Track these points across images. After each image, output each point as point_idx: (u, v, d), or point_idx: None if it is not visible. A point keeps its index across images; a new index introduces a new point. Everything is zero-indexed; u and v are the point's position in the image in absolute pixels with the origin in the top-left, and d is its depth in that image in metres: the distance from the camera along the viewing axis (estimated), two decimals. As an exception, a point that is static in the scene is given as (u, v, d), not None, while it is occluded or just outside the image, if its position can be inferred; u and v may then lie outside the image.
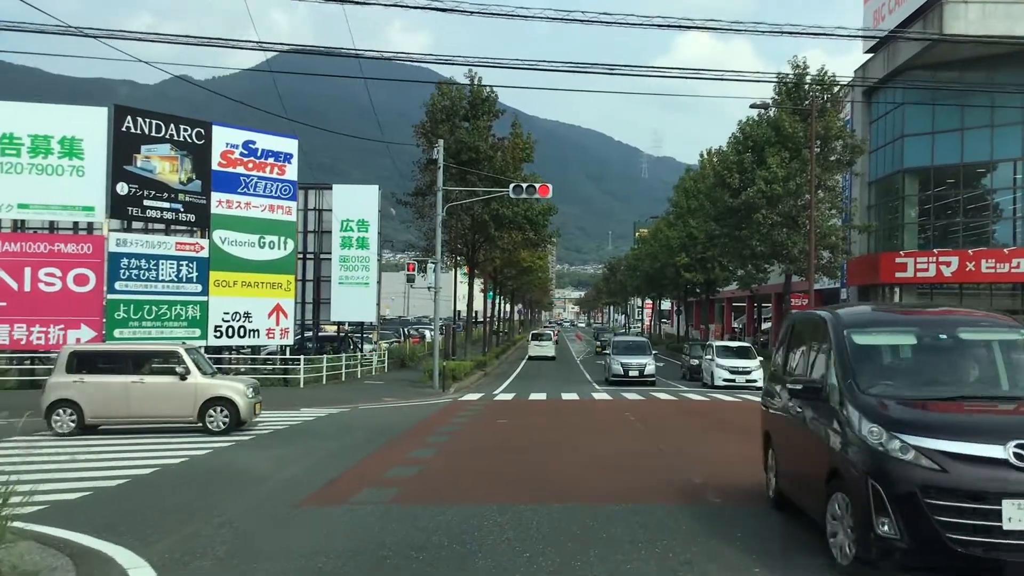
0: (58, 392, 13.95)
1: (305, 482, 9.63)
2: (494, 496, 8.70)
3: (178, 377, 13.93)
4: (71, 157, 20.83)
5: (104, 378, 13.97)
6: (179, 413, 14.01)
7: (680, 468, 10.74)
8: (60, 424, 13.90)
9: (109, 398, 13.87)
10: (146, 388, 13.93)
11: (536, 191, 25.88)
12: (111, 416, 14.13)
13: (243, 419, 14.14)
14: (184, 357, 14.12)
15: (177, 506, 8.36)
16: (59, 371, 14.20)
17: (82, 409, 13.85)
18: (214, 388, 14.06)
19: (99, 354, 14.95)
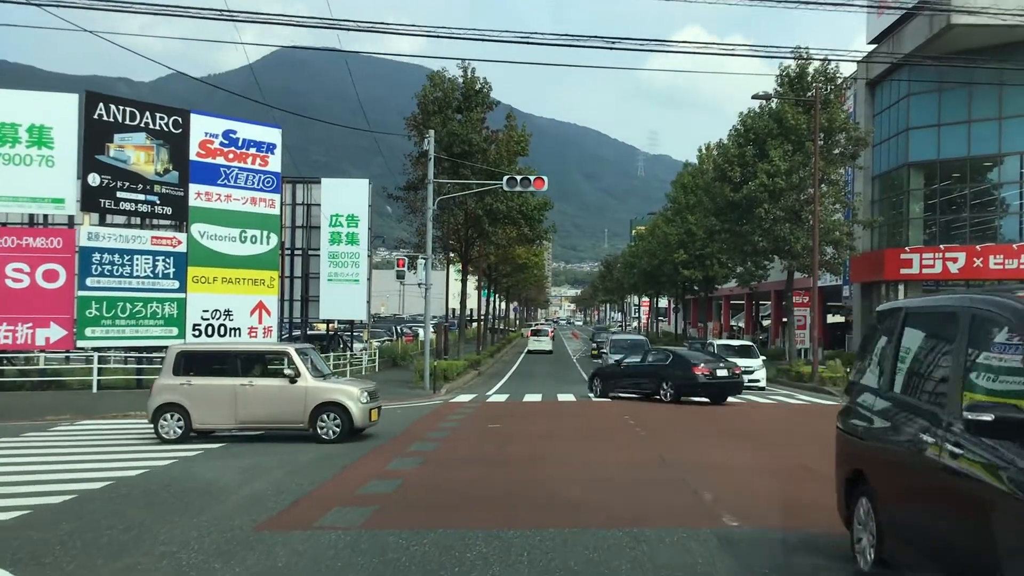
0: (164, 395, 13.04)
1: (269, 499, 8.61)
2: (480, 519, 7.69)
3: (287, 380, 12.82)
4: (40, 146, 19.76)
5: (211, 380, 13.06)
6: (289, 419, 12.93)
7: (687, 482, 9.74)
8: (167, 430, 12.96)
9: (217, 402, 12.91)
10: (255, 392, 12.91)
11: (531, 184, 24.86)
12: (218, 422, 13.13)
13: (357, 426, 13.01)
14: (294, 358, 12.99)
15: (121, 529, 7.34)
16: (166, 372, 13.35)
17: (189, 414, 12.94)
18: (325, 392, 12.89)
19: (207, 354, 14.05)
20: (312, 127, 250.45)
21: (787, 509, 8.30)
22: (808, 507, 8.43)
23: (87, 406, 17.76)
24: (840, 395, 23.96)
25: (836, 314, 48.10)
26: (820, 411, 20.16)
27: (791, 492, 9.24)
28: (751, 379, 26.62)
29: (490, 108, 33.82)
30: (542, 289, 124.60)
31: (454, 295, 42.73)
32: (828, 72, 31.06)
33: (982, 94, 32.51)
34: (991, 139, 32.38)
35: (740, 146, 31.81)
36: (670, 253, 49.98)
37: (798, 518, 7.76)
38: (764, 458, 12.04)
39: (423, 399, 21.54)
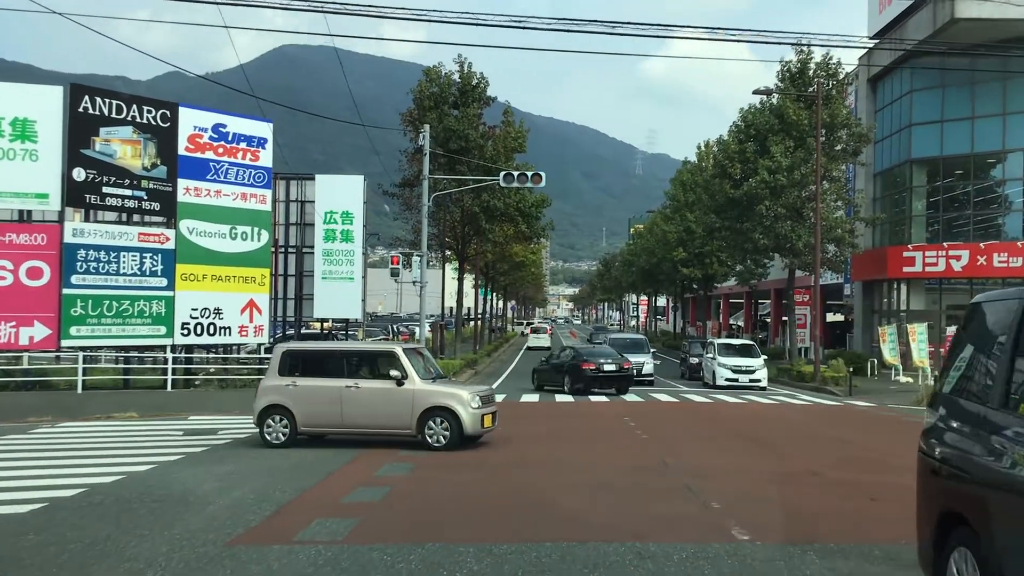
0: (270, 396, 12.43)
1: (248, 509, 8.09)
2: (471, 532, 7.19)
3: (394, 382, 12.00)
4: (23, 140, 19.18)
5: (317, 382, 12.39)
6: (396, 424, 12.14)
7: (693, 489, 9.25)
8: (272, 433, 12.35)
9: (322, 404, 12.25)
10: (361, 394, 12.17)
11: (528, 179, 24.34)
12: (324, 425, 12.46)
13: (468, 433, 11.97)
14: (401, 359, 12.16)
15: (86, 543, 6.83)
16: (272, 373, 12.73)
17: (294, 416, 12.29)
18: (433, 396, 12.02)
19: (312, 354, 13.42)
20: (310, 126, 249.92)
21: (799, 520, 7.82)
22: (821, 518, 7.95)
23: (71, 407, 17.24)
24: (842, 395, 23.50)
25: (836, 313, 47.67)
26: (824, 412, 19.69)
27: (801, 501, 8.76)
28: (752, 379, 26.17)
29: (487, 104, 33.28)
30: (540, 288, 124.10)
31: (451, 293, 42.20)
32: (830, 67, 30.58)
33: (986, 90, 32.08)
34: (995, 135, 31.94)
35: (741, 142, 31.33)
36: (669, 251, 49.51)
37: (812, 531, 7.27)
38: (769, 462, 11.56)
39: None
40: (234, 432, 13.99)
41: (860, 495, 9.06)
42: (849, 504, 8.54)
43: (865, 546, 6.72)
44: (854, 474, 10.62)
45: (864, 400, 22.28)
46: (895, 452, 12.93)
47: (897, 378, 28.48)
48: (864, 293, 37.19)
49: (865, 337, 36.57)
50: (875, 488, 9.46)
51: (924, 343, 27.57)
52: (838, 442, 14.18)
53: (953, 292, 33.60)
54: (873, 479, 10.21)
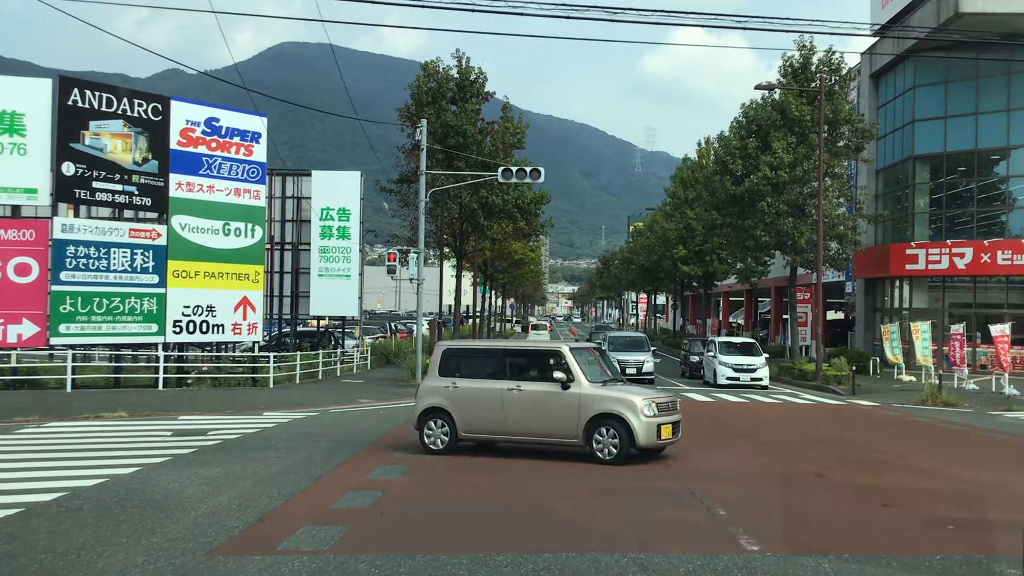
0: (429, 398, 11.68)
1: (233, 516, 7.72)
2: (465, 541, 6.82)
3: (559, 385, 10.88)
4: (11, 133, 18.81)
5: (478, 383, 11.47)
6: (560, 432, 10.97)
7: (695, 493, 8.89)
8: (432, 438, 11.55)
9: (483, 408, 11.32)
10: (523, 398, 11.13)
11: (527, 175, 23.95)
12: (485, 432, 11.54)
13: (642, 445, 10.64)
14: (568, 359, 11.03)
15: (58, 553, 6.46)
16: (432, 373, 11.97)
17: (454, 420, 11.47)
18: (601, 401, 10.72)
19: (473, 352, 12.61)
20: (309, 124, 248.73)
21: (810, 528, 7.46)
22: (832, 525, 7.60)
23: (59, 406, 16.85)
24: (845, 394, 23.14)
25: (837, 311, 47.35)
26: (827, 411, 19.35)
27: (810, 506, 8.40)
28: (754, 377, 25.84)
29: (485, 99, 32.87)
30: (539, 285, 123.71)
31: (449, 291, 41.80)
32: (832, 62, 30.21)
33: (990, 85, 31.73)
34: (999, 131, 31.59)
35: (742, 138, 30.94)
36: (669, 248, 49.17)
37: (824, 540, 6.91)
38: (774, 464, 11.21)
39: (414, 399, 20.62)
40: (224, 433, 13.60)
41: (870, 500, 8.70)
42: (860, 510, 8.18)
43: (882, 557, 6.37)
44: (862, 477, 10.27)
45: (867, 399, 21.93)
46: (902, 453, 12.59)
47: (900, 377, 28.15)
48: (866, 291, 36.85)
49: (867, 335, 36.24)
50: (885, 492, 9.11)
51: (927, 341, 27.24)
52: (843, 442, 13.83)
53: (956, 290, 33.28)
54: (882, 482, 9.85)
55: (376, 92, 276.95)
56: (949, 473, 10.66)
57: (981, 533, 7.29)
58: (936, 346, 28.30)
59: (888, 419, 17.75)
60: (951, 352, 25.41)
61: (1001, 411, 19.03)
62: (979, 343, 30.86)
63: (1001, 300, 32.35)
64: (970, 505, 8.47)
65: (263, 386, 22.36)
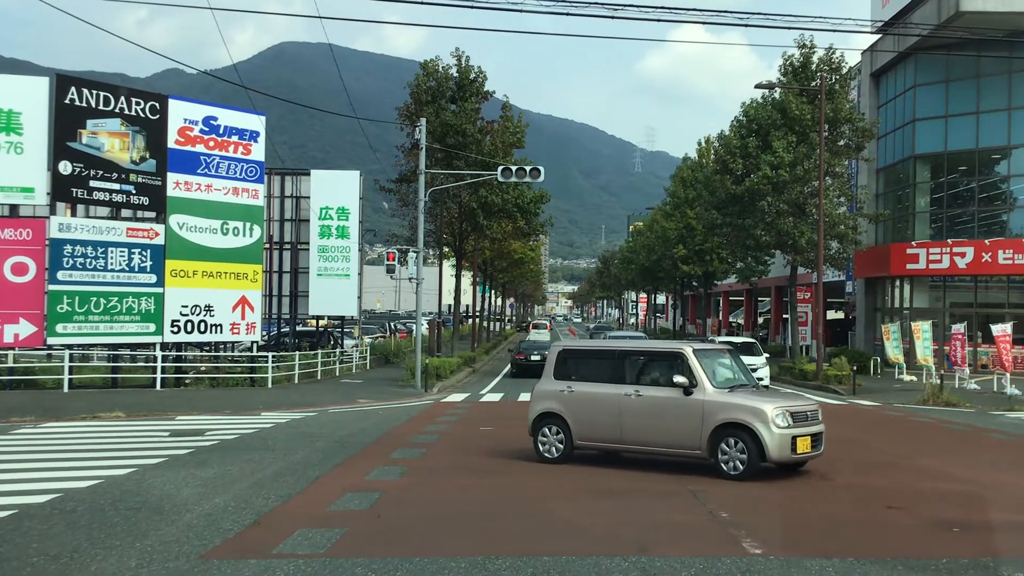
0: (544, 403, 10.95)
1: (228, 518, 7.62)
2: (463, 544, 6.72)
3: (680, 390, 9.95)
4: (8, 132, 18.70)
5: (594, 387, 10.67)
6: (682, 443, 10.01)
7: (694, 494, 8.79)
8: (546, 446, 10.86)
9: (599, 414, 10.50)
10: (641, 404, 10.24)
11: (526, 174, 23.86)
12: (602, 440, 10.68)
13: (773, 459, 9.54)
14: (690, 361, 10.07)
15: (50, 556, 6.37)
16: (547, 376, 11.23)
17: (570, 428, 10.70)
18: (726, 409, 9.70)
19: (590, 354, 11.74)
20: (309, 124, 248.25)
21: (813, 531, 7.37)
22: (836, 528, 7.50)
23: (55, 406, 16.75)
24: (846, 394, 23.03)
25: (837, 310, 47.25)
26: (828, 411, 19.10)
27: (813, 508, 8.31)
28: (755, 378, 25.71)
29: (485, 98, 32.77)
30: (539, 285, 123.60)
31: (449, 291, 41.70)
32: (833, 61, 30.11)
33: (991, 84, 31.63)
34: (1000, 130, 31.48)
35: (742, 137, 30.83)
36: (669, 248, 49.08)
37: (828, 543, 6.82)
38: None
39: (414, 399, 20.57)
40: (222, 433, 13.50)
41: (874, 501, 8.60)
42: (864, 512, 8.08)
43: (887, 560, 6.27)
44: (865, 478, 10.17)
45: (868, 399, 21.84)
46: (904, 453, 12.50)
47: (901, 376, 28.06)
48: (867, 290, 36.75)
49: (867, 335, 36.14)
50: (889, 494, 9.01)
51: (928, 341, 27.14)
52: (845, 443, 13.72)
53: (957, 290, 33.17)
54: (886, 484, 9.75)
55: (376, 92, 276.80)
56: (952, 474, 10.56)
57: (986, 535, 7.20)
58: (937, 346, 28.20)
59: (889, 419, 17.66)
60: (952, 352, 25.31)
61: (1003, 411, 18.93)
62: (980, 343, 30.77)
63: (1002, 300, 32.25)
64: (974, 507, 8.37)
65: (261, 386, 22.26)
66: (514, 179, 24.73)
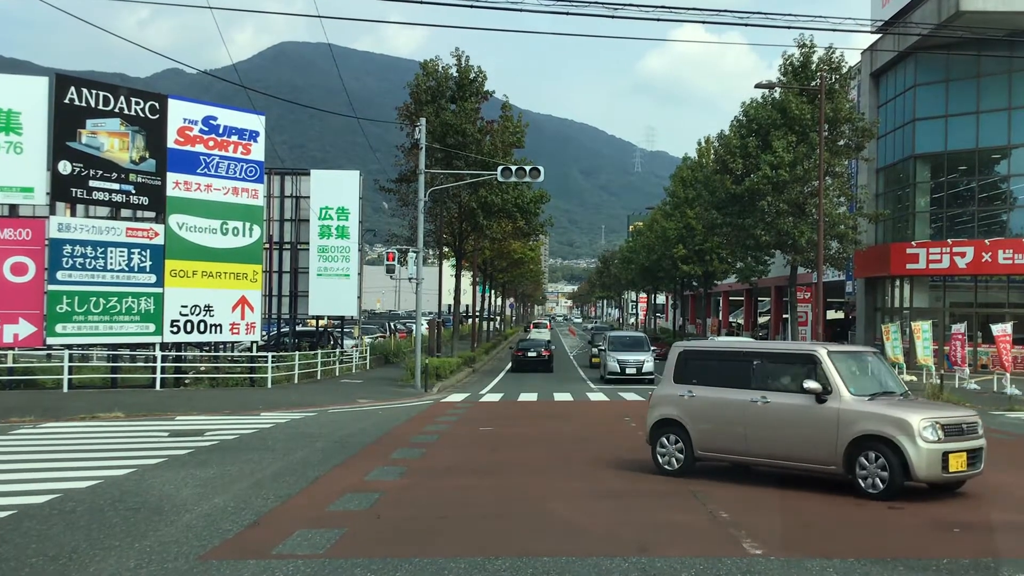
0: (663, 409, 10.10)
1: (227, 519, 7.61)
2: (463, 544, 6.71)
3: (813, 397, 8.84)
4: (8, 132, 18.70)
5: (717, 392, 9.73)
6: (812, 456, 8.89)
7: (696, 495, 8.78)
8: (665, 457, 9.99)
9: (722, 422, 9.60)
10: (768, 412, 9.19)
11: (526, 174, 23.86)
12: (723, 451, 9.73)
13: (920, 477, 8.36)
14: (824, 364, 8.95)
15: (49, 557, 6.36)
16: (667, 379, 10.40)
17: (690, 437, 9.81)
18: (865, 420, 8.52)
19: (713, 355, 10.68)
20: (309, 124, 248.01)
21: (814, 531, 7.36)
22: (837, 528, 7.49)
23: (55, 407, 16.74)
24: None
25: (837, 310, 47.25)
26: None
27: (814, 509, 8.29)
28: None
29: (485, 98, 32.78)
30: (539, 285, 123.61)
31: (449, 291, 41.70)
32: (833, 61, 30.10)
33: (991, 84, 31.61)
34: (1000, 130, 31.47)
35: (742, 137, 30.81)
36: (669, 248, 49.07)
37: (828, 544, 6.81)
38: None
39: (413, 399, 20.56)
40: (221, 433, 13.49)
41: (875, 502, 8.58)
42: (865, 512, 8.07)
43: (888, 560, 6.26)
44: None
45: (869, 399, 21.80)
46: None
47: (901, 376, 28.00)
48: (867, 290, 36.75)
49: (867, 335, 36.12)
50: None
51: (928, 341, 27.12)
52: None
53: (957, 289, 33.17)
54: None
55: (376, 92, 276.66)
56: (953, 474, 10.53)
57: (987, 536, 7.18)
58: (937, 346, 28.18)
59: (890, 419, 17.62)
60: (952, 352, 25.29)
61: (1003, 411, 18.93)
62: (980, 343, 30.76)
63: (1002, 299, 32.25)
64: (975, 507, 8.36)
65: (261, 386, 22.25)
66: (514, 179, 24.73)
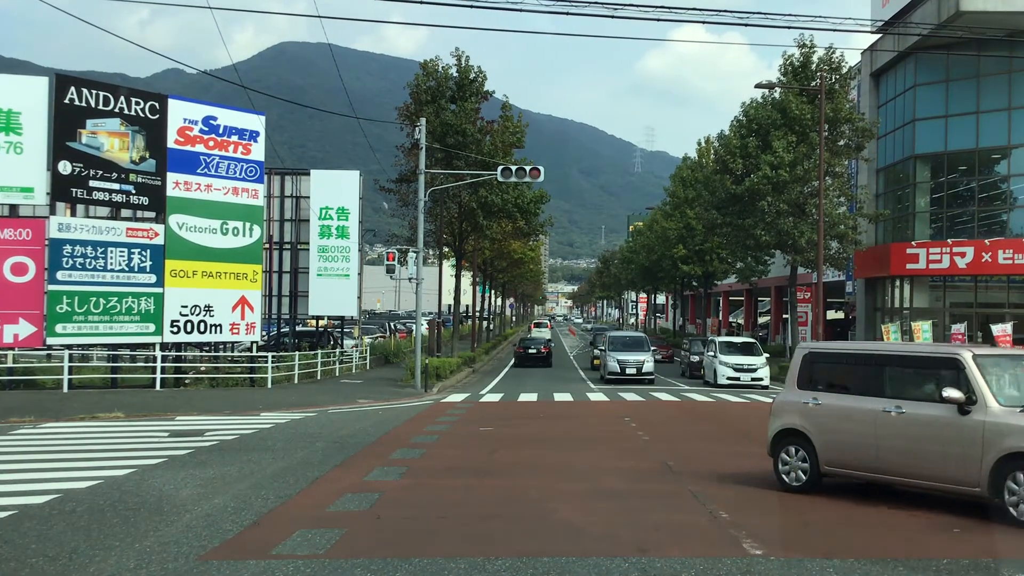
0: (785, 417, 9.15)
1: (227, 519, 7.61)
2: (463, 545, 6.71)
3: (955, 408, 7.74)
4: (8, 132, 18.68)
5: (846, 400, 8.67)
6: (951, 476, 7.79)
7: (697, 495, 8.77)
8: (788, 471, 9.00)
9: (851, 435, 8.50)
10: (902, 423, 8.12)
11: (526, 174, 23.86)
12: (852, 467, 8.59)
13: None
14: (970, 370, 7.80)
15: (49, 557, 6.35)
16: (790, 384, 9.42)
17: (815, 449, 8.76)
18: (1017, 435, 7.34)
19: (842, 358, 9.54)
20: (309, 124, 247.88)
21: (814, 532, 7.36)
22: (836, 529, 7.49)
23: (55, 407, 16.74)
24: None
25: (837, 311, 47.25)
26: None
27: (813, 509, 8.29)
28: (754, 378, 25.77)
29: (485, 98, 32.79)
30: (539, 285, 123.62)
31: (448, 291, 41.71)
32: (832, 61, 30.11)
33: (991, 84, 31.60)
34: (1000, 130, 31.45)
35: (742, 137, 30.82)
36: (668, 248, 49.09)
37: (828, 544, 6.80)
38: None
39: (413, 399, 20.56)
40: (221, 434, 13.49)
41: (875, 502, 8.58)
42: (865, 513, 8.07)
43: (888, 560, 6.26)
44: (866, 479, 10.14)
45: (869, 399, 21.81)
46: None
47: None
48: (867, 290, 36.73)
49: (867, 335, 36.11)
50: (890, 495, 8.99)
51: (928, 341, 27.14)
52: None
53: (957, 290, 33.15)
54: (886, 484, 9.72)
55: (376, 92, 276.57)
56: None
57: (987, 536, 7.18)
58: (937, 346, 28.17)
59: (890, 419, 17.63)
60: (952, 352, 25.27)
61: (1003, 411, 18.91)
62: (980, 343, 30.77)
63: (1002, 300, 32.23)
64: (975, 507, 8.35)
65: (261, 386, 22.24)
66: (514, 179, 24.73)
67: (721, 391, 24.39)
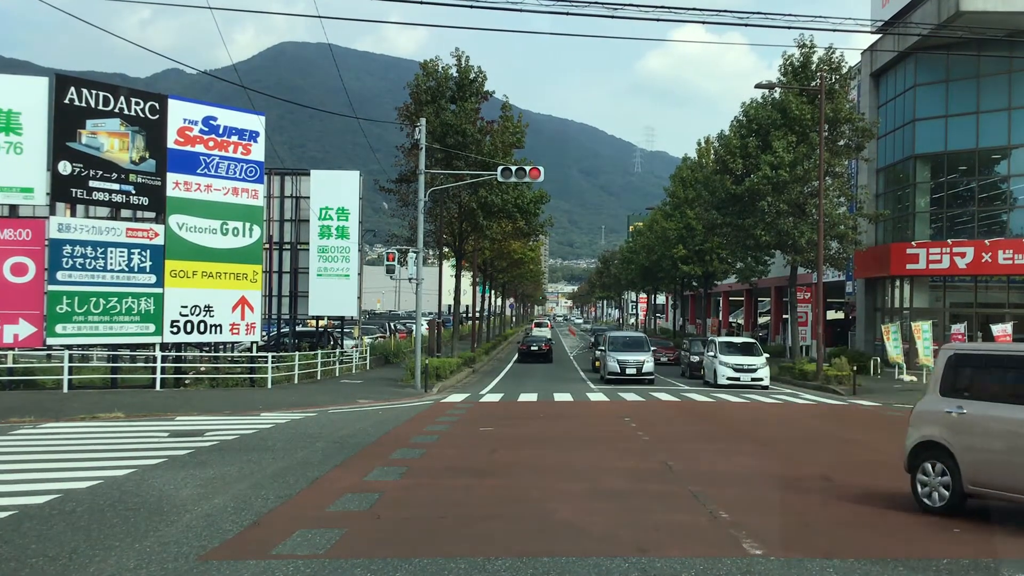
0: (924, 429, 8.12)
1: (227, 519, 7.60)
2: (463, 545, 6.70)
3: None
4: (8, 132, 18.68)
5: (997, 410, 7.52)
6: None
7: (696, 495, 8.78)
8: (926, 488, 8.02)
9: (1002, 452, 7.36)
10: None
11: (526, 174, 23.85)
12: (1001, 487, 7.42)
13: None
14: None
15: (49, 557, 6.35)
16: (931, 390, 8.30)
17: (958, 466, 7.68)
18: None
19: (995, 361, 8.16)
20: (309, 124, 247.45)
21: (814, 532, 7.35)
22: (837, 529, 7.48)
23: (55, 407, 16.73)
24: (846, 394, 23.04)
25: (837, 311, 47.26)
26: (829, 411, 19.24)
27: (814, 509, 8.30)
28: (754, 377, 25.78)
29: (485, 98, 32.78)
30: (539, 285, 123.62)
31: (448, 291, 41.71)
32: (832, 61, 30.11)
33: (991, 84, 31.64)
34: (1000, 130, 31.50)
35: (742, 137, 30.82)
36: (668, 248, 49.09)
37: (829, 544, 6.80)
38: (777, 466, 11.11)
39: (414, 399, 20.55)
40: (221, 434, 13.48)
41: (876, 503, 8.59)
42: (865, 513, 8.07)
43: (888, 560, 6.26)
44: (867, 479, 10.16)
45: (869, 399, 21.84)
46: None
47: (901, 377, 28.06)
48: (867, 290, 36.77)
49: (868, 335, 36.15)
50: (891, 496, 8.99)
51: (928, 341, 27.15)
52: (846, 444, 13.74)
53: (957, 290, 33.19)
54: (887, 485, 9.72)
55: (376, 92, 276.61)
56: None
57: (987, 536, 7.18)
58: (937, 346, 28.19)
59: (890, 419, 17.63)
60: (952, 352, 25.28)
61: (1003, 411, 18.91)
62: (980, 343, 30.77)
63: (1002, 300, 32.26)
64: (975, 507, 8.35)
65: (261, 386, 22.24)
66: (514, 179, 24.73)
67: (721, 391, 24.39)
